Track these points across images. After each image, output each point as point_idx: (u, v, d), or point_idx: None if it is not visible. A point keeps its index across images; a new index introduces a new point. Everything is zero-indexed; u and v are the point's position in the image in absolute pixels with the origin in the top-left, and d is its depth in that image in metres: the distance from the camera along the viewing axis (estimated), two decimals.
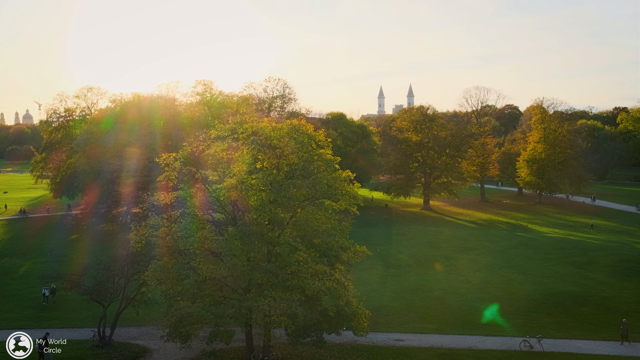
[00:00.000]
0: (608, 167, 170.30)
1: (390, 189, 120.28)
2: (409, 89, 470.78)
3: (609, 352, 39.91)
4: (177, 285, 34.70)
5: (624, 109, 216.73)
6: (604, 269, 63.34)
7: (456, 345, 41.18)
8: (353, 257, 38.62)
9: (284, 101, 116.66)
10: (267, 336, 36.13)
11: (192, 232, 34.54)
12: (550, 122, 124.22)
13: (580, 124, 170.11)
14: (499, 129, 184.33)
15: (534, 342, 40.68)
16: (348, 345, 41.05)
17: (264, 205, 34.58)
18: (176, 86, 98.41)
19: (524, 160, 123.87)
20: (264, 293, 32.91)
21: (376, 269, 64.13)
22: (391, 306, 51.33)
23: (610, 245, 74.39)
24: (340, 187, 36.65)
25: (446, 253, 72.67)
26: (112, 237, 78.27)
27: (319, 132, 38.30)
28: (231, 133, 37.28)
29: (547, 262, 67.10)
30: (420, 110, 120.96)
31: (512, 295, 54.33)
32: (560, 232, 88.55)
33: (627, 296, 53.81)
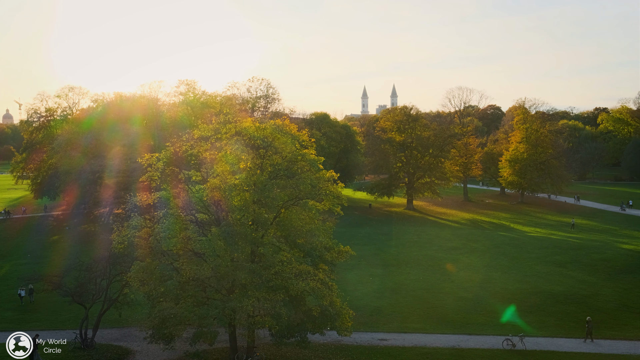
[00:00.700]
0: (589, 167, 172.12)
1: (373, 189, 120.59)
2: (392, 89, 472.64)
3: (590, 350, 40.33)
4: (160, 286, 34.48)
5: (604, 109, 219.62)
6: (585, 268, 63.99)
7: (439, 345, 41.37)
8: (337, 257, 38.72)
9: (267, 101, 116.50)
10: (250, 337, 36.03)
11: (175, 232, 34.33)
12: (532, 123, 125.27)
13: (562, 124, 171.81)
14: (481, 129, 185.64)
15: (517, 340, 40.99)
16: (332, 345, 41.07)
17: (247, 206, 34.50)
18: (159, 86, 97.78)
19: (507, 160, 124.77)
20: (248, 293, 32.79)
21: (360, 269, 64.23)
22: (375, 306, 51.44)
23: (591, 244, 75.19)
24: (324, 187, 36.68)
25: (429, 253, 72.97)
26: (93, 238, 77.54)
27: (302, 132, 38.35)
28: (214, 133, 37.14)
29: (529, 261, 67.65)
30: (404, 110, 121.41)
31: (495, 294, 54.69)
32: (542, 232, 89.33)
33: (608, 294, 54.40)
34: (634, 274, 60.93)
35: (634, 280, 58.91)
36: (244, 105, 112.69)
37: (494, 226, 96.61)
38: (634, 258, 66.75)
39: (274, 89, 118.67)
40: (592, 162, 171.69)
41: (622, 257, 67.15)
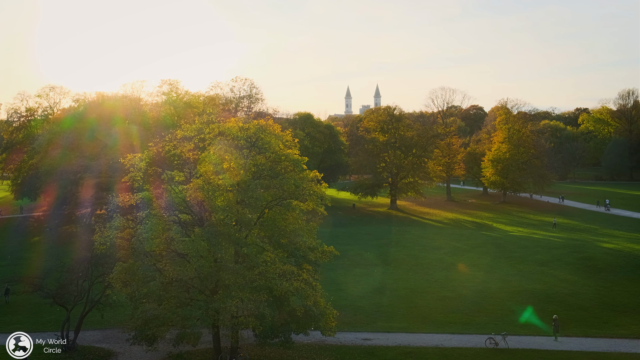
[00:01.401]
0: (570, 166, 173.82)
1: (357, 189, 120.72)
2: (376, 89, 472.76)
3: (570, 348, 40.74)
4: (143, 287, 34.25)
5: (585, 109, 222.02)
6: (566, 267, 64.61)
7: (423, 344, 41.55)
8: (321, 257, 38.77)
9: (251, 101, 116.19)
10: (234, 337, 35.90)
11: (158, 233, 34.13)
12: (514, 123, 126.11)
13: (543, 124, 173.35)
14: (464, 129, 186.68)
15: (499, 339, 41.29)
16: (316, 345, 41.07)
17: (231, 206, 34.41)
18: (141, 86, 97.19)
19: (489, 160, 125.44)
20: (232, 294, 32.69)
21: (344, 269, 64.33)
22: (359, 306, 51.54)
23: (572, 243, 75.93)
24: (307, 187, 36.69)
25: (413, 252, 73.21)
26: (74, 239, 76.74)
27: (286, 133, 38.33)
28: (198, 133, 37.01)
29: (511, 261, 68.16)
30: (387, 110, 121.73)
31: (478, 294, 55.05)
32: (524, 231, 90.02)
33: (588, 293, 55.00)
34: (615, 273, 61.65)
35: (614, 279, 59.61)
36: (228, 105, 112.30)
37: (476, 226, 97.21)
38: (615, 257, 67.53)
39: (258, 89, 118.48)
40: (573, 162, 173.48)
41: (603, 256, 67.89)
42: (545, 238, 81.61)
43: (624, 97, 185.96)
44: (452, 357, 39.13)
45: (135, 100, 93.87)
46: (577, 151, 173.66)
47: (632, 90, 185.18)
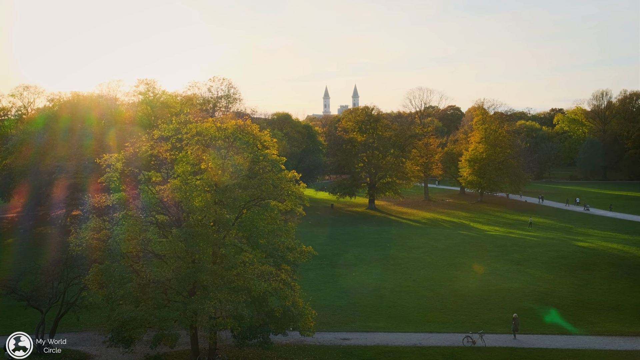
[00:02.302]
0: (545, 166, 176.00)
1: (335, 189, 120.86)
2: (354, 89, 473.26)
3: (546, 346, 41.23)
4: (120, 289, 33.91)
5: (560, 110, 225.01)
6: (542, 265, 65.37)
7: (401, 343, 41.73)
8: (299, 257, 38.82)
9: (228, 101, 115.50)
10: (212, 339, 35.72)
11: (135, 234, 33.84)
12: (491, 123, 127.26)
13: (519, 124, 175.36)
14: (441, 129, 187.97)
15: (477, 337, 41.65)
16: (295, 345, 41.02)
17: (208, 207, 34.22)
18: (117, 85, 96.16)
19: (466, 160, 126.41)
20: (210, 295, 32.55)
21: (322, 269, 64.39)
22: (337, 305, 51.60)
23: (548, 242, 76.84)
24: (286, 187, 36.71)
25: (391, 252, 73.50)
26: (49, 241, 75.67)
27: (264, 133, 38.23)
28: (175, 133, 36.73)
29: (488, 260, 68.78)
30: (365, 110, 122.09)
31: (455, 292, 55.46)
32: (500, 230, 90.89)
33: (563, 291, 55.70)
34: (589, 271, 62.53)
35: (588, 277, 60.45)
36: (205, 105, 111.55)
37: (454, 225, 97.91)
38: (589, 255, 68.48)
39: (236, 89, 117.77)
40: (549, 161, 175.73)
41: (578, 255, 68.81)
42: (522, 237, 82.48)
43: (598, 98, 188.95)
44: (430, 355, 39.37)
45: (111, 100, 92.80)
46: (552, 151, 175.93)
47: (605, 91, 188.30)
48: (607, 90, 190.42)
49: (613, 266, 63.91)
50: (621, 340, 42.53)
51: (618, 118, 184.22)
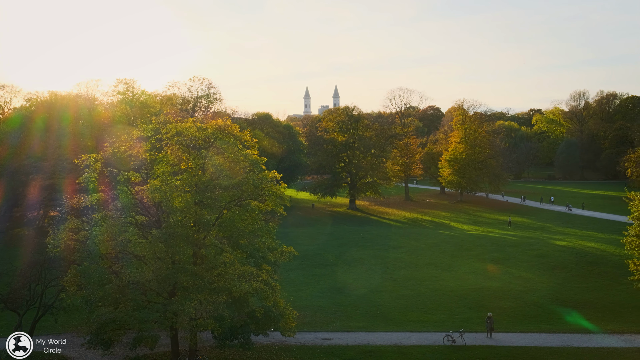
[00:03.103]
0: (524, 166, 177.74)
1: (316, 189, 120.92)
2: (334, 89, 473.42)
3: (525, 344, 41.61)
4: (98, 291, 33.59)
5: (538, 110, 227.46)
6: (521, 264, 66.01)
7: (382, 343, 41.85)
8: (280, 257, 38.77)
9: (209, 101, 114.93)
10: (193, 340, 35.52)
11: (114, 235, 33.55)
12: (471, 123, 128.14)
13: (499, 124, 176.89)
14: (422, 129, 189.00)
15: (457, 336, 41.91)
16: (276, 346, 40.95)
17: (189, 207, 34.04)
18: (96, 85, 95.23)
19: (446, 160, 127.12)
20: (190, 296, 32.37)
21: (303, 269, 64.37)
22: (318, 305, 51.61)
23: (526, 241, 77.60)
24: (266, 187, 36.61)
25: (372, 252, 73.72)
26: (27, 242, 74.65)
27: (245, 133, 38.10)
28: (154, 133, 36.48)
29: (468, 259, 69.28)
30: (346, 111, 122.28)
31: (436, 292, 55.76)
32: (480, 230, 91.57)
33: (542, 289, 56.28)
34: (567, 269, 63.25)
35: (567, 276, 61.15)
36: (185, 105, 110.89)
37: (434, 225, 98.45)
38: (567, 254, 69.31)
39: (216, 88, 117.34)
40: (527, 161, 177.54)
41: (556, 253, 69.61)
42: (501, 236, 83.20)
43: (575, 99, 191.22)
44: (411, 355, 39.53)
45: (89, 100, 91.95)
46: (530, 151, 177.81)
47: (583, 91, 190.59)
48: (584, 91, 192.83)
49: (590, 265, 64.73)
50: (598, 337, 43.07)
51: (595, 118, 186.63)
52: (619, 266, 60.25)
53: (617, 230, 71.16)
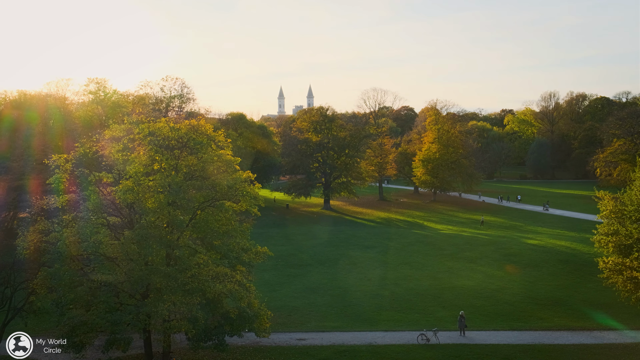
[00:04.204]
0: (496, 166, 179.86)
1: (291, 189, 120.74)
2: (308, 89, 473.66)
3: (498, 341, 42.11)
4: (69, 293, 33.13)
5: (510, 111, 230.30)
6: (493, 263, 66.76)
7: (357, 342, 41.98)
8: (254, 258, 38.67)
9: (182, 101, 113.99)
10: (166, 342, 35.27)
11: (86, 236, 33.09)
12: (444, 123, 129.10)
13: (471, 125, 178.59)
14: (395, 129, 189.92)
15: (431, 335, 42.23)
16: (250, 347, 40.82)
17: (162, 208, 33.77)
18: (67, 84, 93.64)
19: (420, 160, 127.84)
20: (163, 298, 32.10)
21: (278, 270, 64.26)
22: (293, 306, 51.56)
23: (499, 240, 78.51)
24: (240, 188, 36.51)
25: (346, 252, 73.89)
26: None
27: (218, 133, 37.96)
28: (127, 133, 36.13)
29: (441, 258, 69.82)
30: (320, 111, 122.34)
31: (410, 291, 56.08)
32: (453, 229, 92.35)
33: (514, 288, 56.97)
34: (538, 268, 64.12)
35: (538, 274, 61.99)
36: (158, 105, 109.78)
37: (408, 224, 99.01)
38: (538, 252, 70.30)
39: (189, 88, 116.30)
40: (499, 161, 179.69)
41: (528, 252, 70.56)
42: (474, 236, 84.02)
43: (546, 99, 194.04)
44: (385, 354, 39.73)
45: (60, 100, 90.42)
46: (503, 151, 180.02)
47: (553, 92, 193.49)
48: (554, 91, 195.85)
49: (561, 263, 65.75)
50: (569, 334, 43.77)
51: (565, 119, 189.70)
52: (589, 264, 61.33)
53: (587, 229, 72.47)
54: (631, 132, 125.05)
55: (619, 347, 40.68)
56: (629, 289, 43.05)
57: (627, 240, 43.04)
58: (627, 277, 42.89)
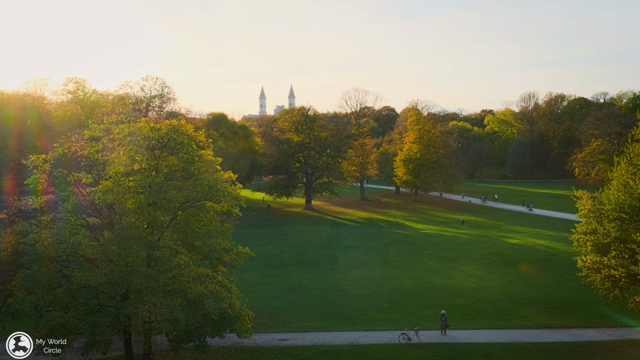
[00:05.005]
0: (477, 166, 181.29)
1: (272, 189, 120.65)
2: (290, 90, 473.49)
3: (479, 340, 42.38)
4: (48, 295, 32.74)
5: (490, 111, 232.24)
6: (474, 262, 67.22)
7: (338, 342, 41.99)
8: (236, 258, 38.57)
9: (162, 101, 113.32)
10: (147, 343, 34.99)
11: (65, 237, 32.71)
12: (425, 124, 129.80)
13: (452, 125, 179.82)
14: (377, 129, 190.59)
15: (412, 334, 42.39)
16: (232, 347, 40.66)
17: (142, 208, 33.51)
18: (45, 84, 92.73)
19: (401, 160, 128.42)
20: (144, 299, 31.85)
21: (259, 270, 64.11)
22: (275, 306, 51.47)
23: (479, 240, 79.09)
24: (222, 188, 36.39)
25: (328, 252, 73.95)
26: None
27: (199, 133, 37.77)
28: (106, 133, 35.84)
29: (423, 257, 70.15)
30: (302, 111, 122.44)
31: (391, 290, 56.25)
32: (434, 229, 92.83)
33: (494, 287, 57.39)
34: (518, 267, 64.69)
35: (518, 273, 62.51)
36: (138, 104, 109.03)
37: (389, 224, 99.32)
38: (518, 251, 70.95)
39: (169, 88, 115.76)
40: (480, 161, 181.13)
41: (508, 251, 71.18)
42: (455, 235, 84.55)
43: (526, 100, 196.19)
44: (367, 353, 39.79)
45: (38, 99, 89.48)
46: (483, 151, 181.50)
47: (532, 93, 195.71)
48: (534, 92, 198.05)
49: (540, 262, 66.39)
50: (548, 332, 44.20)
51: (544, 119, 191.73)
52: (568, 263, 61.96)
53: (566, 228, 73.15)
54: (608, 132, 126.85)
55: (597, 345, 41.18)
56: (607, 287, 43.56)
57: (605, 239, 43.56)
58: (604, 275, 43.39)
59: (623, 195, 42.91)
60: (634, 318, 46.49)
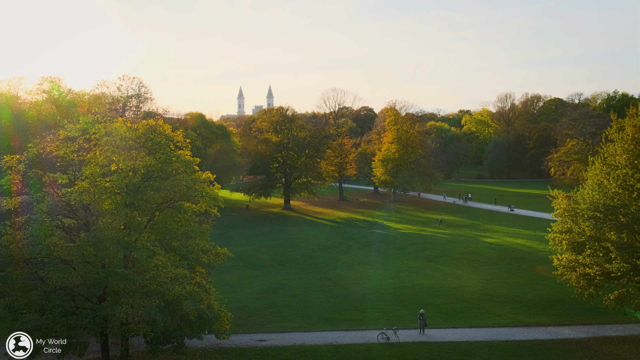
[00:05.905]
0: (454, 165, 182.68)
1: (251, 189, 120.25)
2: (268, 90, 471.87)
3: (456, 339, 42.69)
4: (23, 297, 32.26)
5: (467, 111, 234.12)
6: (452, 261, 67.74)
7: (317, 342, 42.00)
8: (214, 259, 38.40)
9: (139, 100, 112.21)
10: (124, 345, 34.68)
11: (40, 239, 32.22)
12: (403, 124, 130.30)
13: (430, 125, 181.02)
14: (355, 130, 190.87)
15: (391, 333, 42.55)
16: (210, 349, 40.44)
17: (119, 209, 33.19)
18: (19, 83, 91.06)
19: (379, 160, 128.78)
20: (121, 300, 31.56)
21: (238, 271, 63.89)
22: (253, 307, 51.32)
23: (457, 239, 79.71)
24: (200, 188, 36.22)
25: (307, 252, 73.95)
26: None
27: (177, 133, 37.54)
28: (82, 133, 35.43)
29: (401, 257, 70.50)
30: (280, 111, 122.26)
31: (370, 290, 56.43)
32: (413, 228, 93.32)
33: (472, 285, 57.89)
34: (496, 266, 65.36)
35: (495, 272, 63.15)
36: (115, 104, 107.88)
37: (368, 224, 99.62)
38: (496, 251, 71.67)
39: (147, 88, 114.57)
40: (457, 161, 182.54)
41: (485, 250, 71.86)
42: (433, 234, 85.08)
43: (502, 100, 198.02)
44: (346, 353, 39.86)
45: (12, 99, 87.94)
46: (460, 151, 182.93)
47: (509, 93, 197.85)
48: (510, 93, 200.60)
49: (517, 260, 67.14)
50: (525, 330, 44.68)
51: (521, 119, 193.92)
52: (544, 261, 62.69)
53: (542, 227, 74.18)
54: (583, 132, 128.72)
55: (572, 342, 41.73)
56: (582, 285, 44.12)
57: (580, 237, 44.11)
58: (580, 273, 43.94)
59: (597, 195, 43.50)
60: (609, 315, 47.25)
